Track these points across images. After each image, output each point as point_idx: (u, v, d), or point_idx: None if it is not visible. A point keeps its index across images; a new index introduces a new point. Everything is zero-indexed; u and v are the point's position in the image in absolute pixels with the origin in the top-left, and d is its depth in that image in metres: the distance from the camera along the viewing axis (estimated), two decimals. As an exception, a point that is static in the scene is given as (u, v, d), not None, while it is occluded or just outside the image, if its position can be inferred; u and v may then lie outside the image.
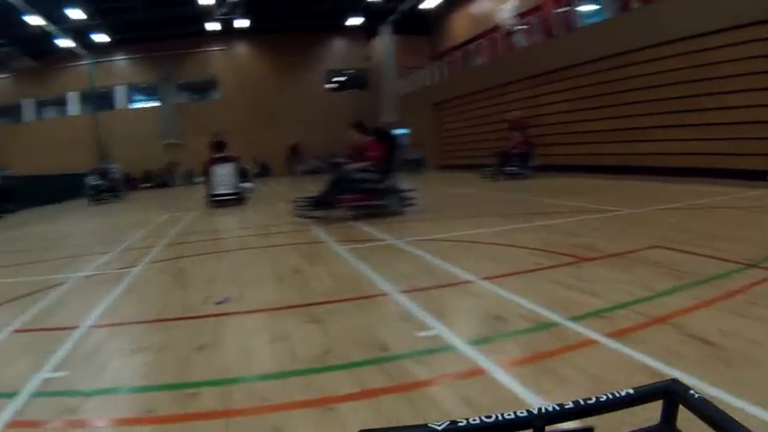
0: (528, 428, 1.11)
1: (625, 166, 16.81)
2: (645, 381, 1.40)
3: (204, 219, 14.59)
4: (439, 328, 4.10)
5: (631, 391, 1.19)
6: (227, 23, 37.55)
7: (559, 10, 21.42)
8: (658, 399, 1.21)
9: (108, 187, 26.54)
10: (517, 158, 19.48)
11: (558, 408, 1.14)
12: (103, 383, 3.71)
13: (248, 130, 38.12)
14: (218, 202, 17.09)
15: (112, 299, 6.05)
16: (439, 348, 3.77)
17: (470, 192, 15.98)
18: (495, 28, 27.29)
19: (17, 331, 5.09)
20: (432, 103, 32.11)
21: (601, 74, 18.17)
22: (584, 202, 11.17)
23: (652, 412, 1.29)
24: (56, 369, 3.96)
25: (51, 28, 32.52)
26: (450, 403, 2.94)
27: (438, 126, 31.89)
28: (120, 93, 42.46)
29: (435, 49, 37.41)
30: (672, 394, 1.19)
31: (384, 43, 37.36)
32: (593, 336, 3.72)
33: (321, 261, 7.38)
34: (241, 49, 42.82)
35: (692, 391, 1.15)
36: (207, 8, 34.55)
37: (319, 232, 9.89)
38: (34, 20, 30.64)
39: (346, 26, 40.56)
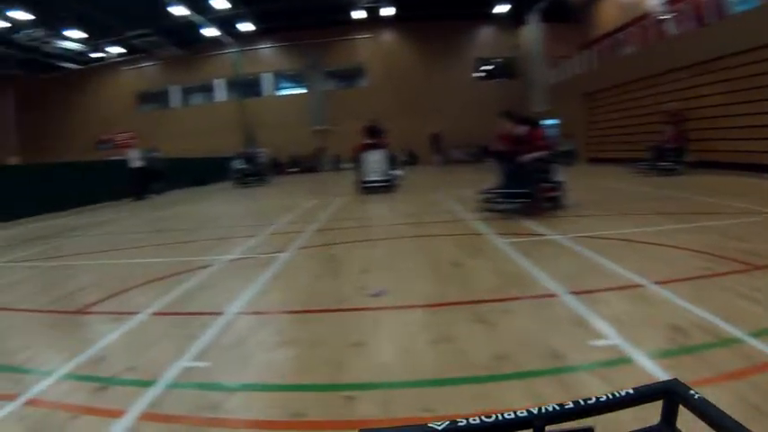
0: (528, 428, 1.10)
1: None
2: None
3: (354, 205, 14.50)
4: (614, 338, 3.75)
5: (631, 391, 1.20)
6: (372, 11, 37.93)
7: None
8: (658, 399, 1.22)
9: (253, 171, 27.40)
10: (671, 153, 18.37)
11: (558, 408, 1.14)
12: (248, 378, 3.46)
13: (395, 117, 37.82)
14: (368, 189, 17.04)
15: (260, 285, 5.86)
16: (617, 361, 3.42)
17: (623, 187, 15.05)
18: (645, 15, 25.73)
19: (159, 314, 5.00)
20: (581, 94, 30.70)
21: (757, 65, 16.49)
22: (747, 203, 10.03)
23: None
24: (197, 358, 3.77)
25: (196, 18, 34.20)
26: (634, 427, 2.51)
27: (586, 117, 30.55)
28: (266, 80, 43.96)
29: (584, 37, 35.63)
30: (672, 394, 1.20)
31: (532, 31, 36.40)
32: (779, 357, 3.28)
33: (481, 254, 6.94)
34: (387, 36, 42.90)
35: (692, 391, 1.16)
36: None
37: (477, 224, 9.43)
38: (179, 10, 32.46)
39: (493, 14, 39.79)
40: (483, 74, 43.06)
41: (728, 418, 1.04)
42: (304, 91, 43.31)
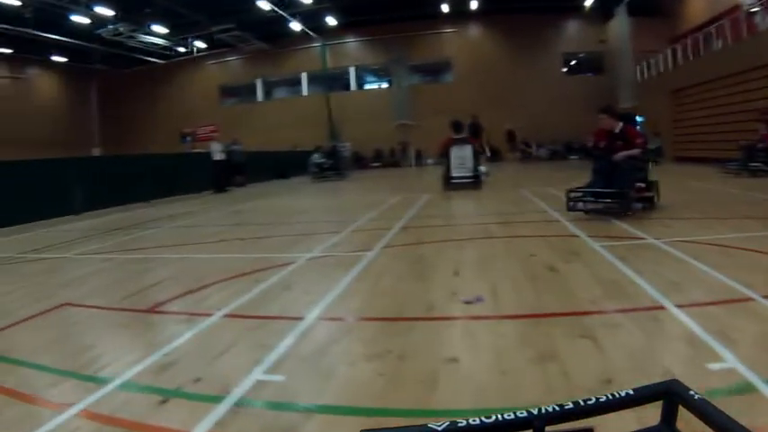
0: (528, 428, 1.09)
1: None
2: None
3: (440, 202, 14.04)
4: (731, 360, 3.26)
5: (631, 392, 1.19)
6: (458, 4, 37.50)
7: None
8: (658, 399, 1.21)
9: (331, 165, 27.41)
10: (763, 153, 17.21)
11: (557, 408, 1.13)
12: (328, 397, 3.09)
13: (481, 113, 37.24)
14: (453, 185, 16.54)
15: (342, 287, 5.48)
16: (738, 388, 2.94)
17: (714, 188, 14.12)
18: (735, 8, 24.37)
19: (233, 316, 4.69)
20: (669, 90, 29.55)
21: None
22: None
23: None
24: (271, 370, 3.43)
25: (281, 12, 34.40)
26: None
27: (673, 114, 29.35)
28: (351, 74, 43.91)
29: (672, 31, 34.35)
30: (672, 394, 1.19)
31: (619, 25, 35.30)
32: None
33: (577, 259, 6.41)
34: (473, 30, 42.22)
35: (691, 392, 1.14)
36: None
37: (568, 225, 8.86)
38: (264, 5, 33.01)
39: (580, 7, 38.58)
40: (569, 69, 42.20)
41: (728, 419, 1.04)
42: (389, 85, 43.17)
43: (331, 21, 38.86)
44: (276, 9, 33.45)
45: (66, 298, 5.59)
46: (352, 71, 43.54)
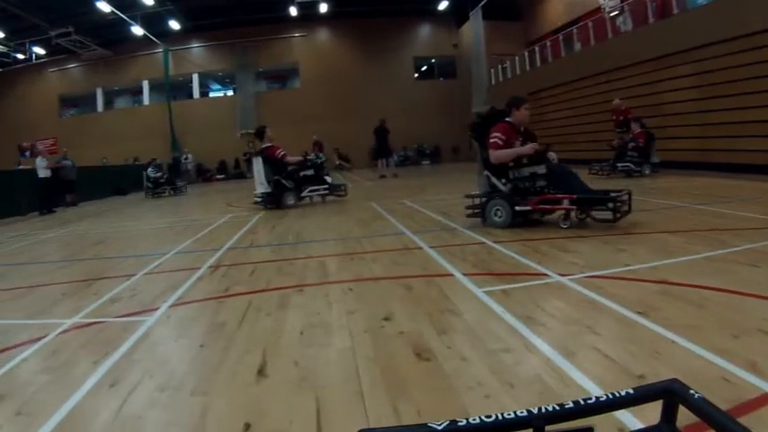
0: (528, 428, 1.04)
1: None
2: None
3: (272, 222, 11.35)
4: None
5: (631, 391, 1.15)
6: (308, 8, 35.63)
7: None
8: (658, 399, 1.17)
9: (167, 180, 24.65)
10: (634, 153, 16.19)
11: (558, 407, 1.09)
12: None
13: (329, 119, 35.68)
14: (257, 203, 14.07)
15: (67, 412, 2.87)
16: None
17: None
18: (595, 11, 24.40)
19: None
20: (526, 92, 28.72)
21: (713, 60, 15.32)
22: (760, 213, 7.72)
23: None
24: None
25: (122, 15, 31.23)
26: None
27: (532, 117, 28.35)
28: (196, 81, 40.63)
29: (529, 34, 34.28)
30: (672, 394, 1.15)
31: (474, 29, 34.22)
32: None
33: (458, 325, 3.85)
34: (322, 35, 40.22)
35: (692, 391, 1.11)
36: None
37: (434, 254, 6.50)
38: (106, 7, 29.74)
39: (434, 11, 38.01)
40: (422, 73, 41.48)
41: (728, 418, 1.00)
42: (234, 93, 40.65)
43: (174, 25, 35.95)
44: (116, 11, 30.04)
45: None
46: (195, 78, 40.31)
